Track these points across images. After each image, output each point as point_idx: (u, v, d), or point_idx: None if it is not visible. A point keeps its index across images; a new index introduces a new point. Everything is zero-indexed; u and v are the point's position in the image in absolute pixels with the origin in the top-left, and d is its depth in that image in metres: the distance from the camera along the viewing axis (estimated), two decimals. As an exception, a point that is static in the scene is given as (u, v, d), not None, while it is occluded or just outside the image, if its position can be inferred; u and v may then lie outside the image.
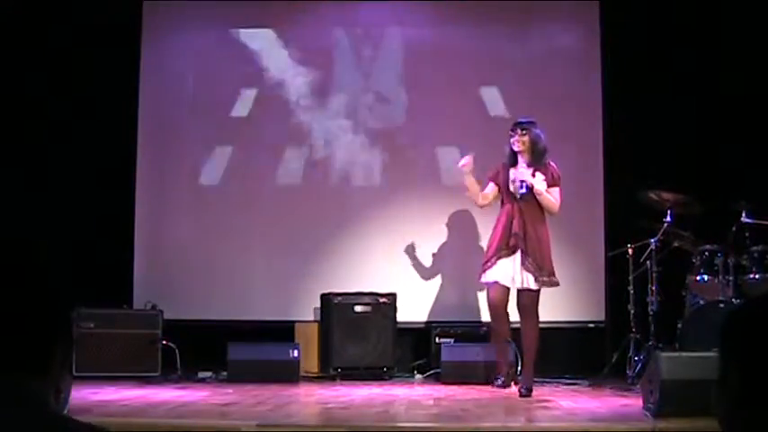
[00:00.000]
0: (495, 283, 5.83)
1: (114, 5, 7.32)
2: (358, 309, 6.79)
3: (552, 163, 5.94)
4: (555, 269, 5.88)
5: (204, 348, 6.78)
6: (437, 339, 6.79)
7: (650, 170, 6.74)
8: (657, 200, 6.24)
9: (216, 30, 7.60)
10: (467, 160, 5.91)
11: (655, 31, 7.18)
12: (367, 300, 6.76)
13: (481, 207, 6.19)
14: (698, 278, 6.09)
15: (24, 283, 1.24)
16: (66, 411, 4.16)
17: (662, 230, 6.19)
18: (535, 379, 6.50)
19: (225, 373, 6.44)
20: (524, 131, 5.86)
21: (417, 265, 7.23)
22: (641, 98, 7.13)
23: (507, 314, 5.93)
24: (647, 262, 6.28)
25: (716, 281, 6.00)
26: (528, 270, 5.74)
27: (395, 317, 6.78)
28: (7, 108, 7.09)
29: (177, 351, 6.71)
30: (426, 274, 7.25)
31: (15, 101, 7.13)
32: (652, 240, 6.23)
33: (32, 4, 7.24)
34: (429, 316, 7.20)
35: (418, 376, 6.75)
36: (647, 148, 7.02)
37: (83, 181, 7.21)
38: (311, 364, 6.83)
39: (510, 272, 5.78)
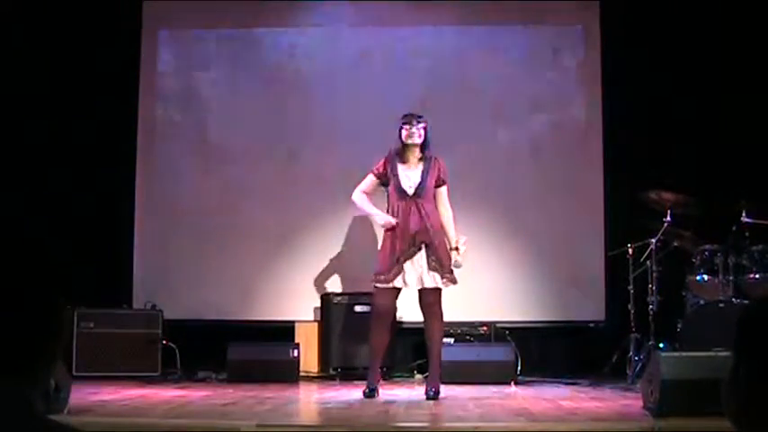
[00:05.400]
0: (393, 287, 5.49)
1: (114, 5, 7.32)
2: (358, 309, 6.79)
3: (439, 159, 5.62)
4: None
5: (204, 348, 6.78)
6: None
7: (650, 170, 6.74)
8: (657, 200, 6.24)
9: (216, 30, 7.60)
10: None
11: (655, 31, 7.18)
12: (367, 300, 6.73)
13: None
14: (698, 278, 6.09)
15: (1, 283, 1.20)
16: (66, 411, 4.16)
17: (662, 230, 6.19)
18: (535, 379, 6.52)
19: (225, 373, 6.44)
20: (420, 122, 5.52)
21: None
22: (641, 98, 7.13)
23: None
24: (647, 262, 6.27)
25: (716, 281, 6.00)
26: (433, 269, 5.43)
27: (395, 317, 6.76)
28: (7, 108, 7.09)
29: (177, 351, 6.72)
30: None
31: (15, 101, 7.13)
32: (652, 240, 6.22)
33: (32, 5, 7.24)
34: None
35: (418, 376, 6.74)
36: (647, 148, 7.02)
37: (82, 181, 7.21)
38: (311, 364, 6.82)
39: (410, 273, 5.45)
